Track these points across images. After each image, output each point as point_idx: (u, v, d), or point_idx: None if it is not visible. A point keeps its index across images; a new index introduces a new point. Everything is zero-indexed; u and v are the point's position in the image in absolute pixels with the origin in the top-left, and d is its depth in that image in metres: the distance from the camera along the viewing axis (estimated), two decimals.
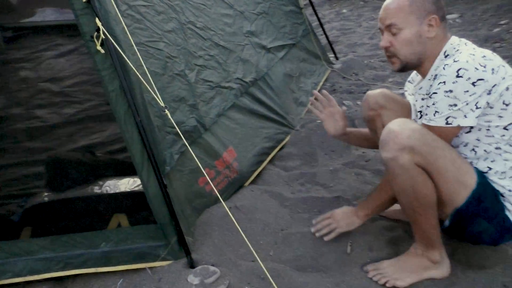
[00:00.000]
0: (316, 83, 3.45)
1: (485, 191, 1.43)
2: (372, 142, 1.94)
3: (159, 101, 1.57)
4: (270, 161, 2.43)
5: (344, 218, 1.74)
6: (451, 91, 1.35)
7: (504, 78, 1.36)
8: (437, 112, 1.38)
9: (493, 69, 1.35)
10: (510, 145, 1.42)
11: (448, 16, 5.56)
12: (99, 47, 1.53)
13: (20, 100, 2.87)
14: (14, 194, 2.07)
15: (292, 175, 2.32)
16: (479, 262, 1.55)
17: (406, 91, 1.80)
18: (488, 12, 5.36)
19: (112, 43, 1.52)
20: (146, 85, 1.59)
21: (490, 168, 1.45)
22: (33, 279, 1.68)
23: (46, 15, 3.59)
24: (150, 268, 1.68)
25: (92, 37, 1.53)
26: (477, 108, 1.35)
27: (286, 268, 1.62)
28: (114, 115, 1.61)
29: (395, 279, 1.50)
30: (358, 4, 7.57)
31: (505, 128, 1.40)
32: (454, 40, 1.51)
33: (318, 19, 4.26)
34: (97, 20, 1.50)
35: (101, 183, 1.95)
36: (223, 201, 1.99)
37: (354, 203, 2.02)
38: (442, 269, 1.51)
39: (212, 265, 1.65)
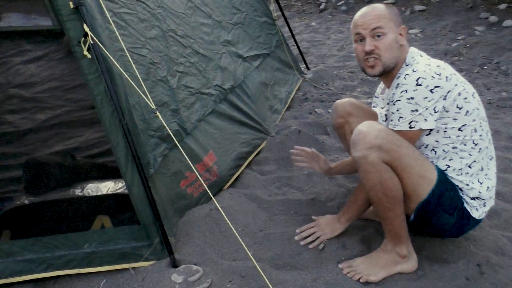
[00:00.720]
0: (289, 91, 3.56)
1: (446, 185, 1.57)
2: None
3: (150, 104, 1.62)
4: (247, 166, 2.49)
5: (328, 225, 1.83)
6: (412, 98, 1.49)
7: (456, 85, 1.52)
8: (401, 117, 1.52)
9: (447, 77, 1.50)
10: (465, 145, 1.57)
11: (410, 31, 5.86)
12: (86, 52, 1.57)
13: None
14: None
15: (269, 178, 2.39)
16: (443, 257, 1.67)
17: (374, 107, 1.93)
18: (446, 28, 5.69)
19: (100, 48, 1.56)
20: (137, 88, 1.63)
21: (448, 166, 1.60)
22: (15, 280, 1.67)
23: (12, 21, 3.52)
24: (133, 268, 1.70)
25: (79, 42, 1.57)
26: (435, 112, 1.50)
27: (266, 267, 1.69)
28: (99, 118, 1.64)
29: (368, 274, 1.60)
30: (327, 18, 7.82)
31: (459, 129, 1.55)
32: (413, 50, 1.66)
33: (290, 31, 4.37)
34: (84, 25, 1.54)
35: (83, 186, 1.95)
36: (206, 202, 2.05)
37: (328, 204, 2.12)
38: (410, 263, 1.62)
39: (195, 264, 1.69)
